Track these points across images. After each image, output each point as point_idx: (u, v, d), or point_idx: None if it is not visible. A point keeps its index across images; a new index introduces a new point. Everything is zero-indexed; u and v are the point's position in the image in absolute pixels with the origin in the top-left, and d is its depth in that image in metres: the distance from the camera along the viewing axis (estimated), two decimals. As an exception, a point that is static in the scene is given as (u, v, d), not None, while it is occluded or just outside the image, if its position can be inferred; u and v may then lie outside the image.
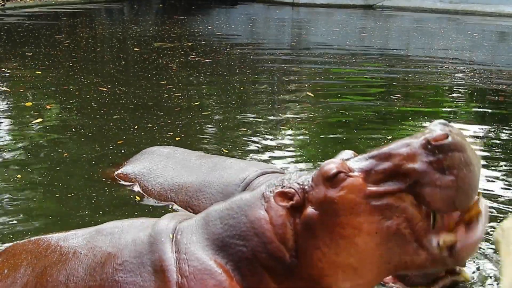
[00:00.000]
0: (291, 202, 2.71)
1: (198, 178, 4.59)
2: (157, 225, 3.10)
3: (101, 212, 4.65)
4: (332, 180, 2.61)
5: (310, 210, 2.67)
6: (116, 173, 5.27)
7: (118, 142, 6.28)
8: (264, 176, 4.30)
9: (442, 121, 2.58)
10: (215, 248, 2.88)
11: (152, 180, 4.89)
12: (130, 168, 5.20)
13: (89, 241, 3.19)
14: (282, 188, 2.79)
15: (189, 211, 4.47)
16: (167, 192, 4.72)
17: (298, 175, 2.85)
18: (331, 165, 2.65)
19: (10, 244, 3.68)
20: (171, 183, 4.75)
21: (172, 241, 2.99)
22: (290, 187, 2.76)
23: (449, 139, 2.48)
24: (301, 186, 2.74)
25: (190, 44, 13.14)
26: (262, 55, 12.37)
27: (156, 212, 4.59)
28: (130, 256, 2.98)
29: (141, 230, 3.13)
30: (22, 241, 3.57)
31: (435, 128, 2.55)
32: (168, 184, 4.75)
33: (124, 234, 3.14)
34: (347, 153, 2.83)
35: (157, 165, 4.99)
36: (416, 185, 2.50)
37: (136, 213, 4.61)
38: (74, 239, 3.29)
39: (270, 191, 2.84)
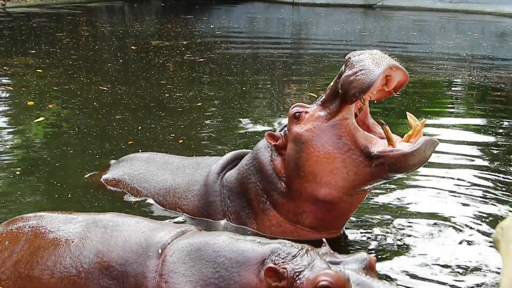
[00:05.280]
0: (277, 283, 2.72)
1: (185, 179, 4.57)
2: (152, 236, 3.15)
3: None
4: None
5: None
6: (102, 178, 5.13)
7: (129, 142, 6.27)
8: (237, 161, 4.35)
9: None
10: (197, 287, 2.89)
11: (137, 185, 4.81)
12: (111, 175, 5.07)
13: (84, 230, 3.31)
14: (276, 264, 2.77)
15: (179, 212, 4.51)
16: (154, 196, 4.67)
17: (292, 255, 2.80)
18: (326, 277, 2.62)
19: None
20: (157, 187, 4.69)
21: (159, 257, 3.05)
22: (283, 268, 2.74)
23: None
24: (295, 272, 2.71)
25: (186, 42, 13.16)
26: (263, 54, 12.39)
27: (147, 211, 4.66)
28: (117, 262, 3.11)
29: (134, 233, 3.21)
30: (28, 214, 3.68)
31: None
32: (154, 189, 4.70)
33: (116, 232, 3.24)
34: (326, 250, 2.83)
35: (138, 171, 4.90)
36: None
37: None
38: (72, 223, 3.40)
39: (272, 260, 2.82)
